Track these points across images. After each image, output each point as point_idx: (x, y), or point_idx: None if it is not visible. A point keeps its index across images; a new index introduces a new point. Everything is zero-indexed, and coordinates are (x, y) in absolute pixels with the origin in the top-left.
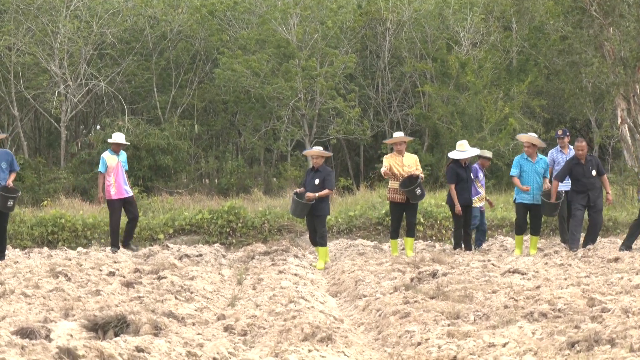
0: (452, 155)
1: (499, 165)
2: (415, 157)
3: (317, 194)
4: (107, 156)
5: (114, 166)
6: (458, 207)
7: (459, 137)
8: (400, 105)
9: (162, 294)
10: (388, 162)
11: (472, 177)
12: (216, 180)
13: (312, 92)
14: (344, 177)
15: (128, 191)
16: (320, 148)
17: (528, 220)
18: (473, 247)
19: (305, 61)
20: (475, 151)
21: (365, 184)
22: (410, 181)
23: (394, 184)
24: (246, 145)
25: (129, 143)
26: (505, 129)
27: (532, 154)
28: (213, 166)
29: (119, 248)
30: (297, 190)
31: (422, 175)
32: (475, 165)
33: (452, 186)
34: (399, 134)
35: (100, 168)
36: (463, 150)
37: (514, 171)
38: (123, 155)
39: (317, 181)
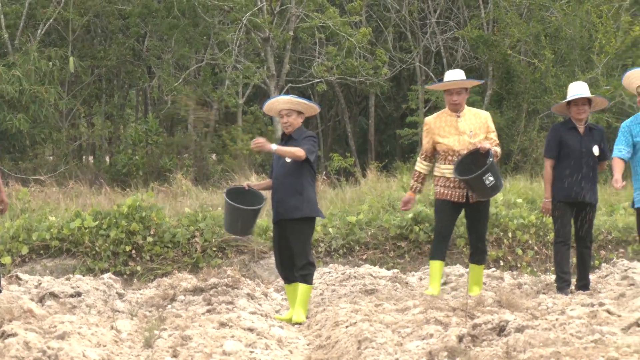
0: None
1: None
2: (484, 117)
3: (286, 150)
4: None
5: None
6: (547, 205)
7: (548, 80)
8: (444, 22)
9: None
10: (427, 134)
11: (594, 149)
12: (108, 159)
13: None
14: (340, 153)
15: None
16: (294, 97)
17: None
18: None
19: None
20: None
21: (376, 166)
22: (473, 161)
23: (445, 168)
24: (162, 95)
25: None
26: (634, 64)
27: None
28: (102, 133)
29: None
30: (238, 185)
31: (497, 149)
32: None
33: (549, 164)
34: (455, 74)
35: None
36: (580, 92)
37: (620, 149)
38: None
39: (287, 158)
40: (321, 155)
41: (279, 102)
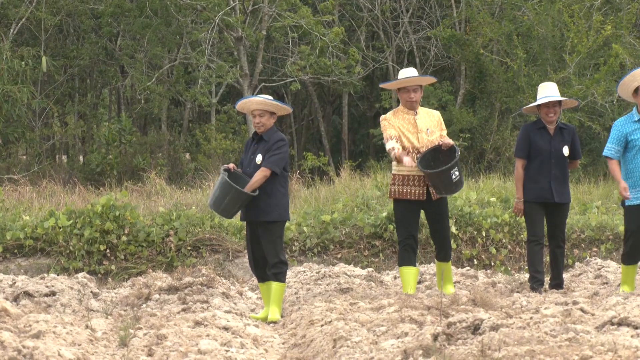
0: (530, 105)
1: (594, 129)
2: (437, 115)
3: (253, 181)
4: None
5: None
6: (519, 205)
7: (520, 79)
8: (416, 22)
9: None
10: (391, 126)
11: (563, 149)
12: (81, 158)
13: None
14: (314, 152)
15: None
16: (268, 97)
17: None
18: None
19: None
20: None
21: (350, 165)
22: (433, 158)
23: (402, 168)
24: (135, 95)
25: None
26: (605, 64)
27: None
28: (75, 132)
29: None
30: (228, 165)
31: (456, 146)
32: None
33: (520, 164)
34: (408, 72)
35: None
36: (550, 94)
37: (610, 149)
38: None
39: (259, 158)
40: (295, 154)
41: (252, 103)
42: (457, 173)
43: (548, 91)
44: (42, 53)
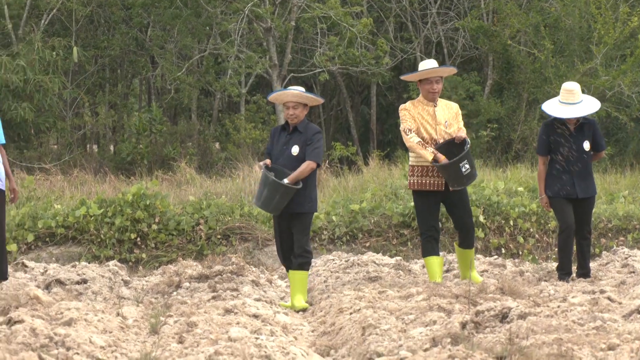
0: (550, 109)
1: (621, 120)
2: (455, 107)
3: (299, 173)
4: None
5: None
6: (543, 201)
7: (548, 70)
8: (444, 13)
9: (15, 350)
10: (410, 117)
11: (584, 145)
12: (112, 147)
13: None
14: (343, 142)
15: None
16: (302, 89)
17: None
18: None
19: None
20: (592, 104)
21: (378, 154)
22: (447, 152)
23: (421, 159)
24: (166, 85)
25: None
26: (632, 55)
27: None
28: (106, 121)
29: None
30: (266, 161)
31: (467, 139)
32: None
33: (541, 161)
34: (429, 64)
35: None
36: (571, 101)
37: None
38: None
39: (295, 149)
40: (324, 144)
41: (287, 95)
42: (467, 166)
43: (571, 97)
44: (73, 43)
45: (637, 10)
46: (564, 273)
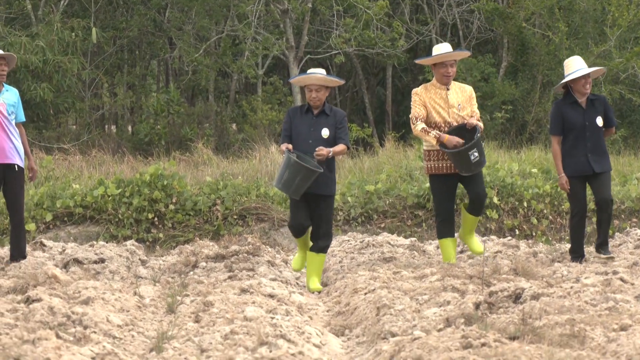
0: (565, 78)
1: (635, 102)
2: (469, 90)
3: (331, 151)
4: None
5: None
6: (562, 180)
7: (562, 52)
8: None
9: (33, 329)
10: (421, 103)
11: (597, 120)
12: (130, 128)
13: None
14: (358, 124)
15: (12, 154)
16: (323, 71)
17: None
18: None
19: None
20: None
21: (394, 136)
22: (461, 135)
23: (433, 143)
24: (183, 66)
25: (12, 55)
26: None
27: None
28: (124, 102)
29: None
30: (288, 146)
31: (480, 124)
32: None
33: (555, 141)
34: (444, 48)
35: None
36: (578, 67)
37: None
38: (11, 92)
39: (325, 132)
40: None
41: (311, 79)
42: (476, 154)
43: (577, 64)
44: (92, 24)
45: None
46: (576, 256)
